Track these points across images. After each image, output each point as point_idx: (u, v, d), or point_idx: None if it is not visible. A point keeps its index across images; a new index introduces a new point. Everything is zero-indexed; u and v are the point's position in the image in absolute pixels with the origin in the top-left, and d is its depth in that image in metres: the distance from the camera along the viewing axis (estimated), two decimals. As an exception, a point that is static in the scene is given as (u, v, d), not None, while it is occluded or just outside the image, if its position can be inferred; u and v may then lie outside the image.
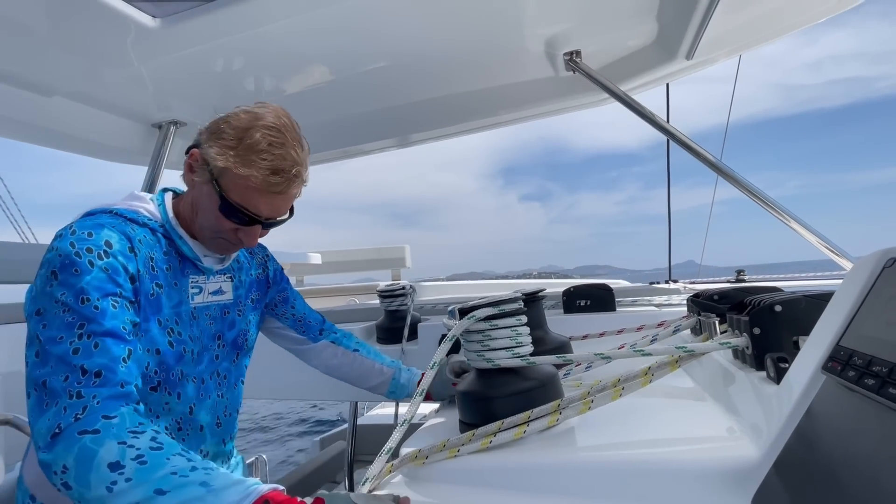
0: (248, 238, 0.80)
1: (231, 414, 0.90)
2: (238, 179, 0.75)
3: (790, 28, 1.35)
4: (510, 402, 0.65)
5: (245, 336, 0.95)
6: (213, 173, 0.76)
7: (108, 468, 0.57)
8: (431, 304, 1.91)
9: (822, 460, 0.39)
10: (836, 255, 1.25)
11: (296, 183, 0.79)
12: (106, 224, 0.72)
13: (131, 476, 0.56)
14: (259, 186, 0.75)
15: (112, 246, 0.70)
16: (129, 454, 0.58)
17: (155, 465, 0.57)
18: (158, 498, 0.56)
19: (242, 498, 0.56)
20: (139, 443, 0.59)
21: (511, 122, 1.88)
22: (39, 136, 1.75)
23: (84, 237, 0.69)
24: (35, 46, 1.31)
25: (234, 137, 0.75)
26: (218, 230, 0.79)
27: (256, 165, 0.74)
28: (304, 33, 1.33)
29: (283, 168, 0.75)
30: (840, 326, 0.45)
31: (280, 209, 0.81)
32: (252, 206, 0.77)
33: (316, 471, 2.45)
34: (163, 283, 0.77)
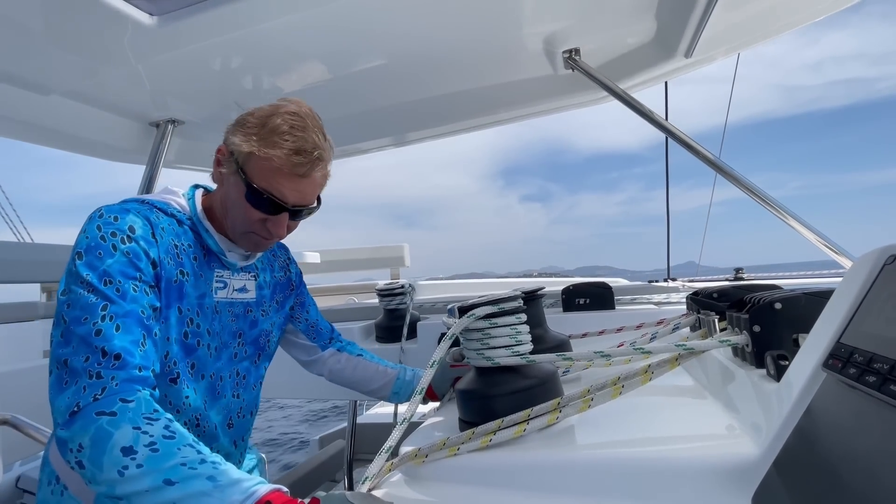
0: (276, 228, 0.81)
1: (245, 416, 0.90)
2: (261, 162, 0.76)
3: (789, 26, 1.35)
4: (510, 400, 0.64)
5: (267, 337, 0.95)
6: (238, 161, 0.78)
7: (121, 452, 0.58)
8: (430, 303, 1.91)
9: (822, 458, 0.39)
10: (836, 253, 1.25)
11: (319, 166, 0.80)
12: (132, 210, 0.74)
13: (142, 463, 0.57)
14: (282, 167, 0.76)
15: (135, 231, 0.72)
16: (142, 440, 0.59)
17: (166, 454, 0.58)
18: (167, 488, 0.56)
19: (246, 497, 0.56)
20: (153, 430, 0.60)
21: (510, 120, 1.88)
22: (37, 134, 1.74)
23: (110, 221, 0.71)
24: (31, 45, 1.30)
25: (256, 124, 0.78)
26: (248, 224, 0.80)
27: (279, 146, 0.76)
28: (303, 31, 1.32)
29: (304, 148, 0.77)
30: (840, 324, 0.45)
31: (306, 195, 0.81)
32: (277, 190, 0.77)
33: (315, 469, 2.45)
34: (188, 271, 0.78)
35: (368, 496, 0.55)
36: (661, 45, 1.44)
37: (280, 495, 0.57)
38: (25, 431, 1.13)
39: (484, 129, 1.96)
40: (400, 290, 1.68)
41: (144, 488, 0.56)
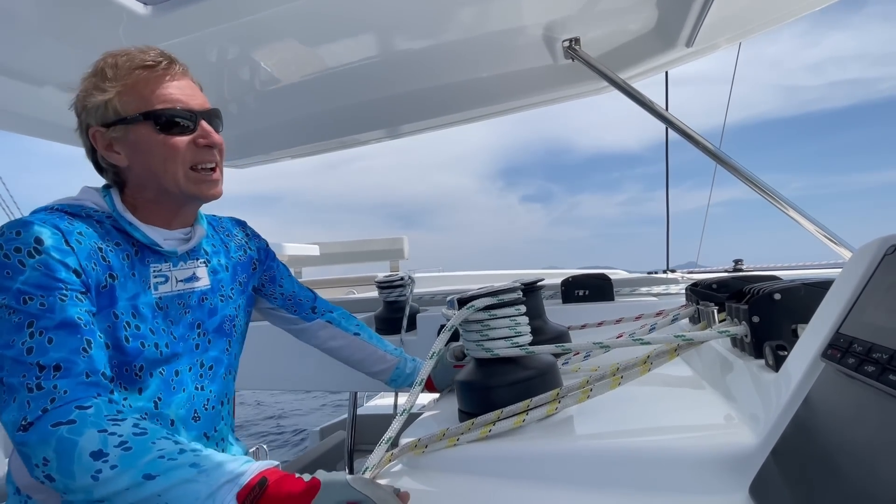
0: (207, 138, 0.77)
1: (215, 406, 0.85)
2: (137, 88, 0.74)
3: (792, 14, 1.33)
4: (509, 391, 0.65)
5: (233, 322, 0.90)
6: (119, 112, 0.74)
7: (90, 457, 0.55)
8: (430, 295, 1.91)
9: (820, 447, 0.39)
10: (835, 244, 1.25)
11: (177, 64, 0.79)
12: (36, 221, 0.67)
13: (116, 463, 0.55)
14: (153, 76, 0.75)
15: (43, 243, 0.65)
16: (111, 441, 0.56)
17: (140, 451, 0.56)
18: (147, 483, 0.55)
19: (236, 476, 0.55)
20: (121, 430, 0.58)
21: (509, 111, 1.86)
22: (31, 126, 1.73)
23: (12, 237, 0.65)
24: (25, 36, 1.28)
25: (94, 80, 0.75)
26: (181, 160, 0.76)
27: (132, 65, 0.74)
28: (298, 22, 1.31)
29: (148, 50, 0.76)
30: (840, 314, 0.45)
31: (196, 95, 0.79)
32: (171, 97, 0.75)
33: (316, 460, 2.47)
34: (117, 274, 0.73)
35: (369, 481, 0.54)
36: (662, 35, 1.42)
37: (275, 471, 0.56)
38: None
39: (483, 119, 1.94)
40: (399, 282, 1.68)
41: (124, 487, 0.55)
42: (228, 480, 0.54)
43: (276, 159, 2.29)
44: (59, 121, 1.69)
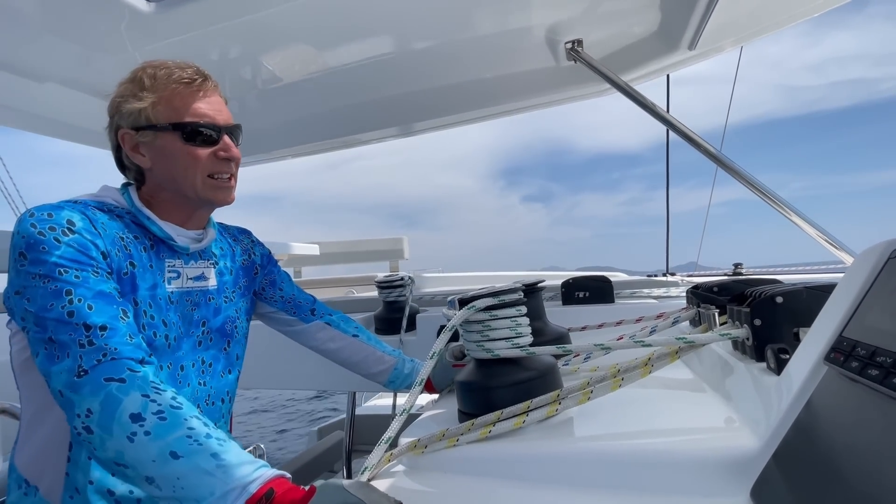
0: (227, 151, 0.82)
1: (215, 403, 0.88)
2: (169, 101, 0.78)
3: (795, 18, 1.33)
4: (509, 392, 0.64)
5: (234, 323, 0.93)
6: (150, 120, 0.79)
7: (129, 419, 0.58)
8: (430, 296, 1.91)
9: (822, 451, 0.39)
10: (837, 248, 1.25)
11: (210, 81, 0.84)
12: (65, 207, 0.72)
13: (150, 430, 0.58)
14: (188, 91, 0.79)
15: (75, 224, 0.70)
16: (151, 408, 0.59)
17: (174, 423, 0.59)
18: (172, 461, 0.57)
19: (249, 482, 0.56)
20: (161, 399, 0.60)
21: (512, 111, 1.86)
22: (33, 122, 1.72)
23: (44, 217, 0.68)
24: (28, 32, 1.28)
25: (134, 89, 0.80)
26: (201, 169, 0.80)
27: (169, 78, 0.79)
28: (301, 20, 1.31)
29: (186, 66, 0.80)
30: (843, 317, 0.44)
31: (223, 111, 0.84)
32: (201, 115, 0.80)
33: (314, 460, 2.46)
34: (136, 262, 0.76)
35: (365, 485, 0.55)
36: (665, 37, 1.42)
37: (283, 482, 0.57)
38: None
39: (485, 120, 1.94)
40: (399, 283, 1.68)
41: (151, 458, 0.57)
42: (240, 486, 0.56)
43: (277, 158, 2.29)
44: (61, 117, 1.69)
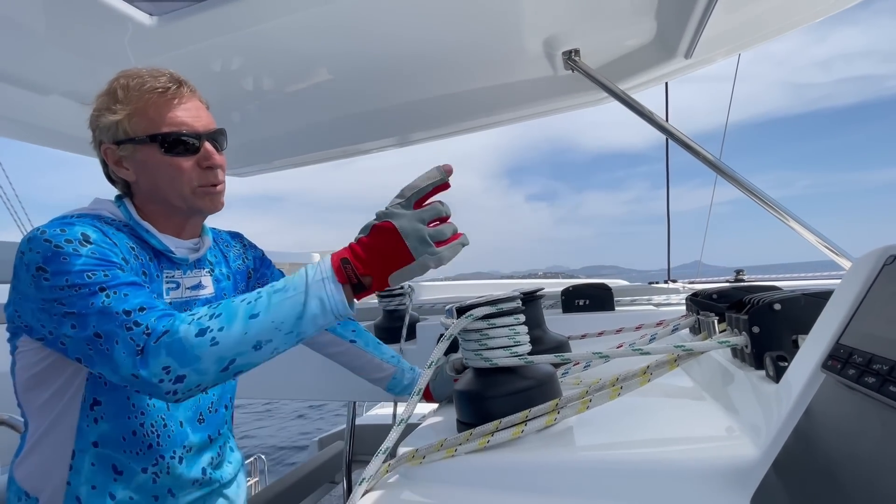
0: (211, 160, 0.81)
1: (218, 410, 0.89)
2: (145, 113, 0.77)
3: (790, 26, 1.35)
4: (508, 401, 0.64)
5: None
6: (128, 133, 0.78)
7: (196, 337, 0.62)
8: (430, 304, 1.90)
9: (821, 459, 0.39)
10: (835, 254, 1.25)
11: (185, 86, 0.81)
12: (76, 222, 0.71)
13: (220, 325, 0.62)
14: (162, 100, 0.78)
15: (90, 237, 0.70)
16: (202, 321, 0.63)
17: (229, 310, 0.64)
18: (252, 321, 0.62)
19: (324, 276, 0.65)
20: (201, 312, 0.65)
21: (509, 121, 1.87)
22: (37, 135, 1.74)
23: (58, 233, 0.68)
24: (32, 45, 1.30)
25: (107, 101, 0.79)
26: (187, 179, 0.79)
27: (142, 88, 0.78)
28: (302, 32, 1.32)
29: (159, 75, 0.80)
30: (840, 324, 0.44)
31: (203, 117, 0.82)
32: (179, 123, 0.78)
33: (314, 471, 2.44)
34: (146, 272, 0.78)
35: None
36: (661, 46, 1.44)
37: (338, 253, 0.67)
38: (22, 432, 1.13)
39: (483, 130, 1.96)
40: (399, 291, 1.68)
41: (237, 338, 0.62)
42: (320, 279, 0.64)
43: (277, 168, 2.30)
44: (64, 130, 1.70)
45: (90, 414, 0.75)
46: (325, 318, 0.65)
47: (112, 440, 0.76)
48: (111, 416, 0.76)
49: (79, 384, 0.75)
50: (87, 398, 0.75)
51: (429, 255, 0.66)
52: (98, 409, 0.76)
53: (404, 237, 0.65)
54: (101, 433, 0.76)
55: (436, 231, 0.66)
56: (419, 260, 0.66)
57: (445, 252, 0.67)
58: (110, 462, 0.76)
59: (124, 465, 0.77)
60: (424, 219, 0.66)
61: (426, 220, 0.66)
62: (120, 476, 0.77)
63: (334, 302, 0.65)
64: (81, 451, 0.75)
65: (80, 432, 0.75)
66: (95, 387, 0.75)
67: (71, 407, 0.75)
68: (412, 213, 0.66)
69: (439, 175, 0.67)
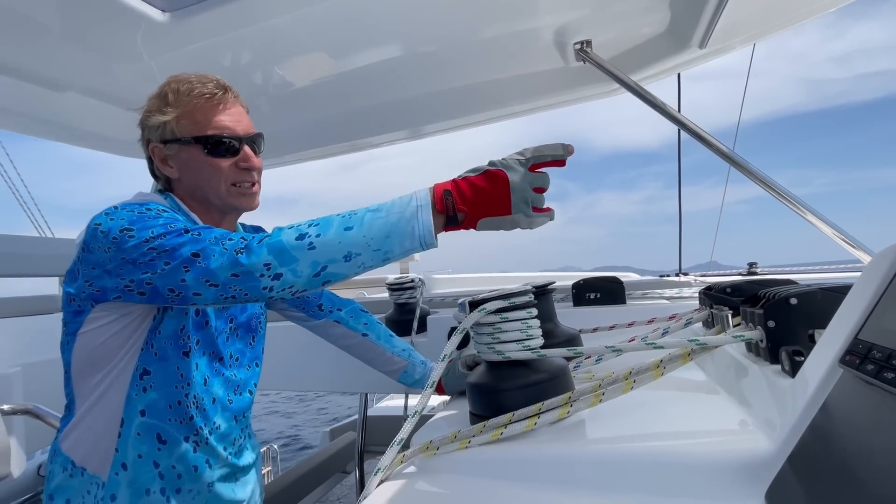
0: (248, 161, 0.86)
1: (242, 394, 0.93)
2: (191, 115, 0.82)
3: (808, 14, 1.32)
4: (521, 394, 0.65)
5: (258, 319, 0.98)
6: (175, 133, 0.83)
7: (295, 240, 0.67)
8: (441, 297, 1.91)
9: (838, 455, 0.39)
10: (854, 248, 1.23)
11: (230, 93, 0.86)
12: (149, 202, 0.78)
13: (317, 233, 0.68)
14: (209, 106, 0.83)
15: (165, 210, 0.77)
16: (301, 228, 0.69)
17: (325, 221, 0.69)
18: (346, 233, 0.67)
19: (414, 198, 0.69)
20: (301, 223, 0.70)
21: (520, 113, 1.86)
22: (53, 131, 1.77)
23: (136, 205, 0.75)
24: (48, 42, 1.32)
25: (158, 104, 0.84)
26: (224, 179, 0.84)
27: (190, 93, 0.82)
28: (312, 26, 1.32)
29: (207, 81, 0.84)
30: (859, 319, 0.44)
31: (244, 122, 0.87)
32: (222, 127, 0.83)
33: (326, 461, 2.48)
34: None
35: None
36: (675, 36, 1.41)
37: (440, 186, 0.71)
38: (47, 421, 1.16)
39: (495, 122, 1.95)
40: (410, 285, 1.68)
41: (335, 241, 0.67)
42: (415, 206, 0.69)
43: (289, 163, 2.32)
44: (79, 125, 1.73)
45: (139, 383, 0.80)
46: (411, 243, 0.69)
47: (159, 409, 0.81)
48: (160, 385, 0.81)
49: (132, 355, 0.80)
50: (139, 368, 0.80)
51: (524, 216, 0.71)
52: (147, 378, 0.80)
53: (512, 190, 0.69)
54: (148, 402, 0.81)
55: (536, 197, 0.71)
56: (514, 216, 0.71)
57: (537, 218, 0.72)
58: (155, 431, 0.81)
59: (168, 435, 0.81)
60: (534, 183, 0.71)
61: (533, 185, 0.71)
62: (164, 445, 0.81)
63: (424, 229, 0.69)
64: (129, 420, 0.80)
65: (128, 401, 0.80)
66: (147, 357, 0.80)
67: (122, 377, 0.80)
68: (525, 173, 0.70)
69: (562, 150, 0.72)
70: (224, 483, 0.89)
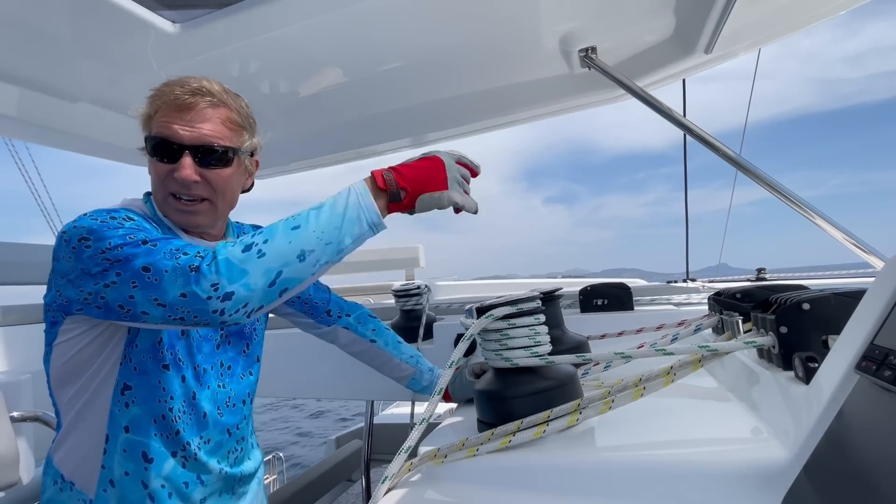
0: (179, 171, 0.78)
1: (236, 405, 0.90)
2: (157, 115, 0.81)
3: (814, 19, 1.31)
4: (529, 401, 0.64)
5: (252, 325, 0.95)
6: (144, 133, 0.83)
7: (242, 252, 0.65)
8: (446, 304, 1.91)
9: (855, 463, 0.38)
10: (865, 252, 1.21)
11: (203, 96, 0.80)
12: (119, 209, 0.77)
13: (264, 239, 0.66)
14: (165, 105, 0.80)
15: (133, 217, 0.75)
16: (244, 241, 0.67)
17: (271, 228, 0.68)
18: (294, 232, 0.67)
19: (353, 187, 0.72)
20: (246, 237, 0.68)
21: (526, 120, 1.87)
22: (66, 141, 1.80)
23: (103, 213, 0.73)
24: (60, 54, 1.35)
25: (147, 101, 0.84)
26: (161, 186, 0.81)
27: (162, 96, 0.81)
28: (319, 36, 1.34)
29: (180, 82, 0.81)
30: (874, 324, 0.43)
31: (197, 129, 0.78)
32: (166, 128, 0.80)
33: (332, 469, 2.47)
34: None
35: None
36: (680, 42, 1.41)
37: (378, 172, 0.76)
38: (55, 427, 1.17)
39: (500, 129, 1.95)
40: (416, 291, 1.68)
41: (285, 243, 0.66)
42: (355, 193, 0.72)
43: (294, 170, 2.34)
44: (92, 135, 1.76)
45: (121, 398, 0.78)
46: (360, 229, 0.72)
47: (143, 424, 0.79)
48: (142, 400, 0.78)
49: (110, 369, 0.78)
50: (119, 382, 0.78)
51: (457, 193, 0.80)
52: (129, 393, 0.78)
53: (447, 168, 0.79)
54: (132, 417, 0.78)
55: (463, 183, 0.83)
56: (449, 192, 0.79)
57: (469, 198, 0.83)
58: (140, 449, 0.79)
59: (155, 452, 0.79)
60: (460, 170, 0.83)
61: (461, 172, 0.83)
62: (150, 464, 0.79)
63: (371, 213, 0.72)
64: (114, 436, 0.78)
65: (112, 417, 0.78)
66: (127, 371, 0.78)
67: (103, 392, 0.78)
68: (455, 159, 0.83)
69: (477, 163, 0.87)
70: (218, 498, 0.86)
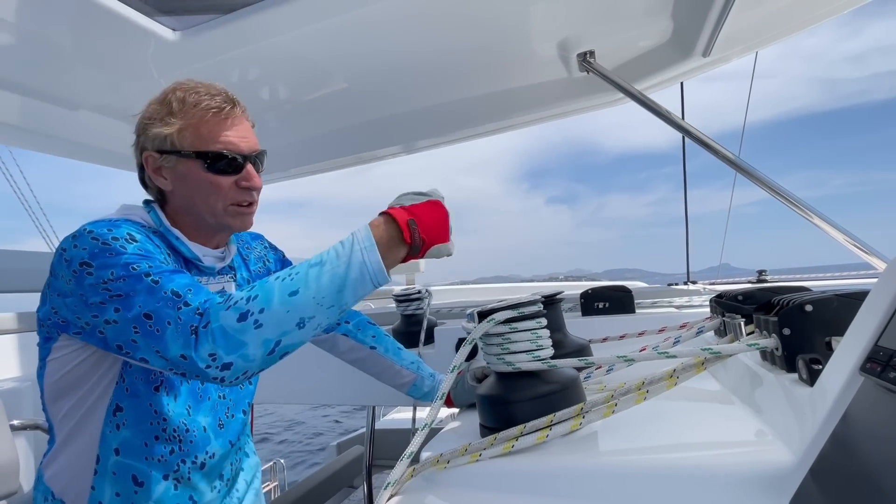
0: (250, 181, 0.81)
1: (235, 415, 0.89)
2: (195, 129, 0.78)
3: (810, 22, 1.32)
4: (532, 405, 0.64)
5: None
6: (175, 145, 0.78)
7: (238, 322, 0.61)
8: (447, 308, 1.90)
9: (861, 466, 0.38)
10: (867, 253, 1.21)
11: (238, 107, 0.82)
12: (121, 223, 0.72)
13: (260, 308, 0.61)
14: (215, 120, 0.78)
15: (135, 236, 0.71)
16: (238, 306, 0.62)
17: (264, 289, 0.63)
18: (292, 299, 0.61)
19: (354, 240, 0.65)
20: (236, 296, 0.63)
21: (525, 124, 1.87)
22: (68, 148, 1.81)
23: (105, 231, 0.69)
24: (60, 61, 1.35)
25: (162, 112, 0.79)
26: (223, 197, 0.80)
27: (197, 105, 0.78)
28: (318, 42, 1.35)
29: (216, 93, 0.80)
30: (878, 325, 0.43)
31: (250, 138, 0.83)
32: (227, 143, 0.79)
33: (333, 476, 2.45)
34: None
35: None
36: (678, 46, 1.42)
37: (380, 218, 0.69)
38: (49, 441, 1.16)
39: (499, 133, 1.96)
40: (416, 296, 1.68)
41: (283, 312, 0.61)
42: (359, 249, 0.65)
43: (294, 176, 2.34)
44: (92, 143, 1.76)
45: (113, 420, 0.76)
46: (364, 288, 0.65)
47: (133, 447, 0.77)
48: (132, 423, 0.77)
49: (105, 388, 0.76)
50: (112, 403, 0.76)
51: (452, 243, 0.73)
52: (120, 415, 0.76)
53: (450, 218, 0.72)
54: (122, 440, 0.77)
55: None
56: (450, 243, 0.72)
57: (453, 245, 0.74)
58: (130, 473, 0.77)
59: (145, 475, 0.77)
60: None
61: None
62: (141, 488, 0.77)
63: (376, 271, 0.66)
64: (105, 458, 0.76)
65: (103, 438, 0.76)
66: (120, 392, 0.76)
67: (96, 412, 0.76)
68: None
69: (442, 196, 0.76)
70: None
